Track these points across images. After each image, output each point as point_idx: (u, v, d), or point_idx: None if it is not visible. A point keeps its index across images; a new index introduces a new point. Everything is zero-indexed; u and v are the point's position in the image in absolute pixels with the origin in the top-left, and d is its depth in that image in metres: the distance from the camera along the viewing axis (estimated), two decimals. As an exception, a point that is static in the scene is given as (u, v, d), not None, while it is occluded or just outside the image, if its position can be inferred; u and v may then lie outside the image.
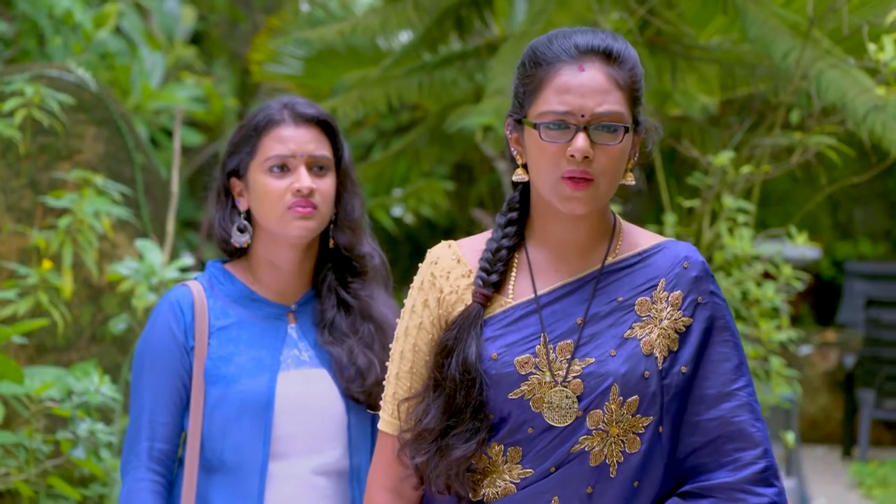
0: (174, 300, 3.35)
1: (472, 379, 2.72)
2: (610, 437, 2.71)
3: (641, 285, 2.79)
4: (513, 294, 2.79)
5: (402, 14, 7.54)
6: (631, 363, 2.72)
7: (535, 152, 2.74)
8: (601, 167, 2.71)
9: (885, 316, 11.26)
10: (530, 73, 2.77)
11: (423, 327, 2.83)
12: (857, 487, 10.26)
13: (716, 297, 2.82)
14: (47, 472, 4.80)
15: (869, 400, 11.00)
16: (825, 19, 6.06)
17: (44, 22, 7.92)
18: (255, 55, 9.75)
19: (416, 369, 2.82)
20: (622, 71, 2.75)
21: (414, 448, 2.77)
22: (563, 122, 2.71)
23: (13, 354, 5.35)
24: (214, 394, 3.30)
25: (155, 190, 5.94)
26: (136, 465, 3.30)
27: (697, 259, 2.83)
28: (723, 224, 6.06)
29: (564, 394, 2.71)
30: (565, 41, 2.75)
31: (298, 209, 3.32)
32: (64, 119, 5.59)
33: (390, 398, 2.84)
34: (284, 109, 3.38)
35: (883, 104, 5.58)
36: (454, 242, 2.87)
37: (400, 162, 8.78)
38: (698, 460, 2.76)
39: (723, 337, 2.80)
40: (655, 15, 6.48)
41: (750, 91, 6.94)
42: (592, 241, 2.81)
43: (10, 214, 5.57)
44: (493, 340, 2.76)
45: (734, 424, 2.75)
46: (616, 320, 2.76)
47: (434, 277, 2.83)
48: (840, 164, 7.01)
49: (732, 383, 2.77)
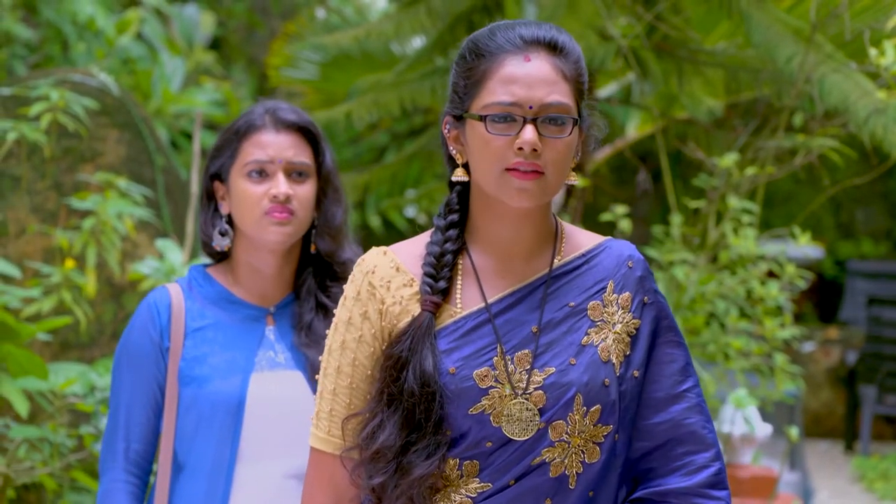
0: (152, 302, 3.31)
1: (431, 392, 2.51)
2: (571, 447, 2.55)
3: (590, 288, 2.62)
4: (461, 303, 2.59)
5: (415, 20, 7.54)
6: (591, 371, 2.56)
7: (480, 146, 2.55)
8: (549, 160, 2.53)
9: (886, 314, 11.24)
10: (472, 65, 2.57)
11: (363, 340, 2.60)
12: (858, 481, 10.24)
13: (658, 295, 2.68)
14: (71, 466, 4.81)
15: (870, 396, 10.98)
16: (827, 24, 6.05)
17: (68, 28, 7.94)
18: (273, 60, 9.76)
19: (356, 384, 2.60)
20: (568, 62, 2.57)
21: (370, 468, 2.55)
22: (509, 114, 2.52)
23: (38, 351, 5.36)
24: (187, 394, 3.26)
25: (175, 191, 5.95)
26: (111, 465, 3.27)
27: (639, 257, 2.68)
28: (728, 224, 6.06)
29: (525, 406, 2.53)
30: (509, 32, 2.57)
31: (275, 215, 3.27)
32: (87, 123, 5.60)
33: (326, 415, 2.62)
34: (266, 115, 3.32)
35: (884, 107, 5.57)
36: (389, 249, 2.65)
37: (413, 164, 8.78)
38: (649, 465, 2.62)
39: (668, 337, 2.65)
40: (662, 20, 6.48)
41: (754, 94, 6.93)
42: (537, 244, 2.63)
43: (35, 215, 5.58)
44: (447, 353, 2.55)
45: (685, 426, 2.61)
46: (571, 326, 2.59)
47: (373, 287, 2.60)
48: (842, 166, 6.99)
49: (680, 384, 2.63)
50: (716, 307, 6.03)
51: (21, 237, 5.57)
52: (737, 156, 6.09)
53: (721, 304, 6.02)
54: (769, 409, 6.47)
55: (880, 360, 11.12)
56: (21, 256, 5.51)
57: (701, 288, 6.01)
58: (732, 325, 6.02)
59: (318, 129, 3.38)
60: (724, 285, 6.02)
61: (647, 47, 6.42)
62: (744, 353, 6.10)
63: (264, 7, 12.06)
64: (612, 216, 6.21)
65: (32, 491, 4.90)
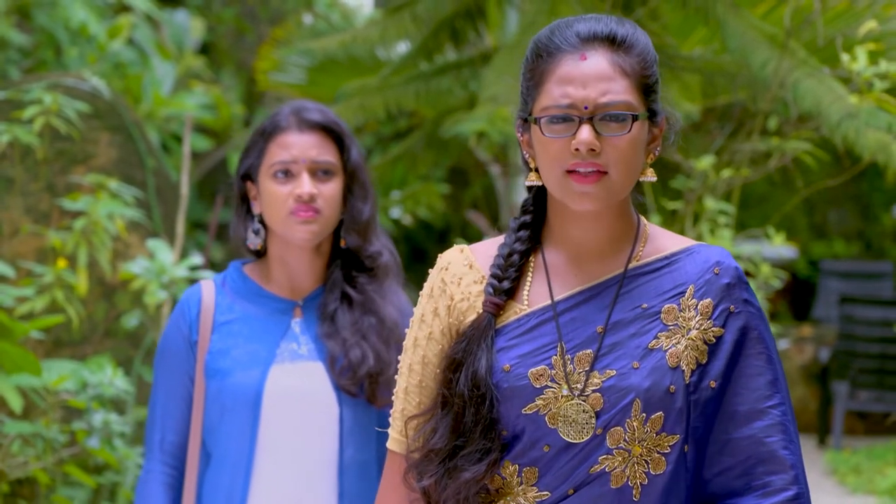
0: (184, 298, 3.33)
1: (481, 395, 2.39)
2: (632, 456, 2.37)
3: (668, 291, 2.44)
4: (528, 301, 2.46)
5: (400, 26, 7.54)
6: (655, 376, 2.38)
7: (540, 150, 2.42)
8: (611, 159, 2.37)
9: (857, 312, 11.26)
10: (532, 66, 2.45)
11: (432, 337, 2.50)
12: (831, 475, 10.26)
13: (750, 305, 2.46)
14: (63, 461, 4.80)
15: (843, 392, 11.00)
16: (801, 31, 6.06)
17: (60, 34, 7.92)
18: (261, 65, 9.75)
19: (426, 383, 2.50)
20: (629, 57, 2.42)
21: (420, 470, 2.44)
22: (566, 115, 2.38)
23: (31, 349, 5.35)
24: (212, 387, 3.25)
25: (166, 193, 5.94)
26: (149, 456, 3.29)
27: (730, 264, 2.47)
28: (704, 225, 6.06)
29: (581, 407, 2.37)
30: (567, 30, 2.44)
31: (300, 214, 3.26)
32: (80, 126, 5.59)
33: (399, 415, 2.52)
34: (291, 115, 3.31)
35: (856, 111, 5.58)
36: (467, 246, 2.54)
37: (398, 166, 8.78)
38: (726, 482, 2.42)
39: (757, 349, 2.44)
40: (641, 26, 6.48)
41: (730, 99, 6.94)
42: (614, 244, 2.47)
43: (28, 216, 5.57)
44: (505, 351, 2.42)
45: (766, 445, 2.41)
46: (640, 329, 2.41)
47: (445, 284, 2.50)
48: (815, 169, 7.01)
49: (766, 400, 2.42)
50: (693, 305, 6.02)
51: (14, 237, 5.56)
52: (713, 158, 6.10)
53: (698, 302, 6.02)
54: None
55: (852, 357, 11.15)
56: (14, 256, 5.50)
57: (678, 287, 6.00)
58: (709, 324, 6.02)
59: (344, 127, 3.36)
60: (701, 284, 6.02)
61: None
62: (720, 350, 6.09)
63: (253, 13, 12.04)
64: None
65: (26, 485, 4.89)
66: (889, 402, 11.02)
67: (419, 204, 10.82)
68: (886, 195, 13.41)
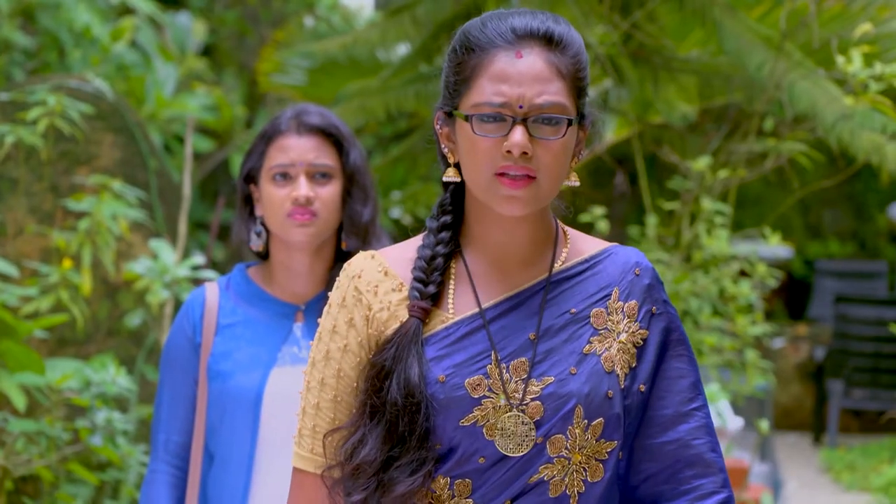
0: (189, 300, 3.32)
1: (416, 403, 2.24)
2: (572, 464, 2.27)
3: (594, 295, 2.34)
4: (453, 308, 2.32)
5: (400, 28, 7.54)
6: (593, 381, 2.28)
7: (468, 147, 2.28)
8: (542, 164, 2.25)
9: (852, 311, 11.27)
10: (462, 59, 2.30)
11: (348, 350, 2.32)
12: (826, 472, 10.26)
13: (668, 306, 2.39)
14: (67, 459, 4.79)
15: (837, 390, 11.00)
16: (797, 33, 6.06)
17: (64, 36, 7.92)
18: (262, 66, 9.74)
19: (342, 398, 2.33)
20: (565, 57, 2.28)
21: (350, 485, 2.27)
22: (498, 114, 2.25)
23: (35, 347, 5.35)
24: (214, 389, 3.25)
25: (168, 193, 5.93)
26: (154, 456, 3.29)
27: (648, 265, 2.39)
28: (701, 225, 6.07)
29: (520, 419, 2.25)
30: (501, 24, 2.28)
31: (297, 217, 3.26)
32: (83, 127, 5.58)
33: (309, 432, 2.34)
34: (291, 119, 3.31)
35: (851, 113, 5.58)
36: (377, 252, 2.38)
37: (398, 167, 8.77)
38: (654, 488, 2.33)
39: (678, 351, 2.36)
40: (638, 28, 6.48)
41: (726, 100, 6.94)
42: (535, 248, 2.35)
43: (32, 216, 5.57)
44: (437, 361, 2.27)
45: (693, 448, 2.32)
46: (572, 334, 2.31)
47: (359, 293, 2.33)
48: (810, 169, 7.01)
49: (690, 402, 2.34)
50: (689, 305, 6.03)
51: (19, 237, 5.55)
52: (710, 159, 6.10)
53: (694, 301, 6.03)
54: (741, 402, 6.48)
55: (847, 355, 11.15)
56: (19, 256, 5.49)
57: (675, 286, 6.01)
58: (705, 323, 6.03)
59: (344, 130, 3.34)
60: (698, 284, 6.03)
61: (624, 55, 6.42)
62: (716, 349, 6.11)
63: (255, 15, 12.03)
64: (590, 217, 6.21)
65: (30, 483, 4.88)
66: (883, 400, 11.02)
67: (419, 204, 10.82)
68: (881, 196, 13.41)
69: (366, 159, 3.39)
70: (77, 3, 7.88)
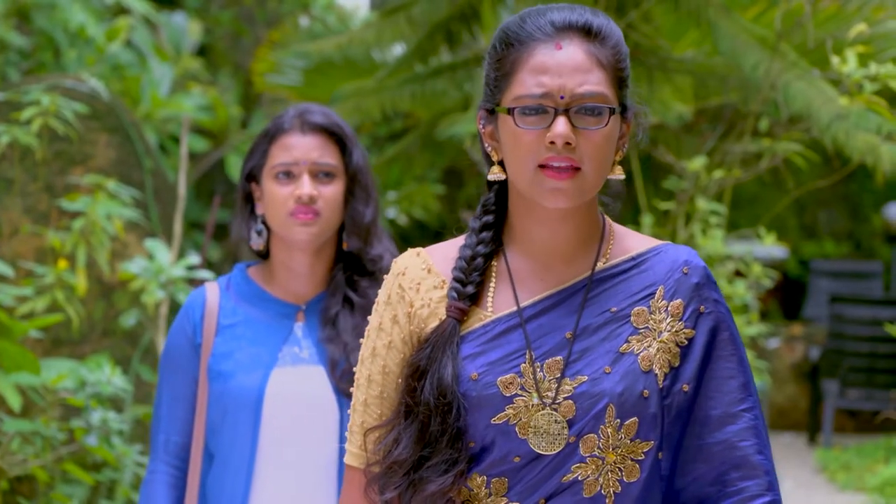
0: (189, 300, 3.31)
1: (447, 403, 2.25)
2: (606, 464, 2.25)
3: (637, 293, 2.31)
4: (492, 307, 2.32)
5: (395, 28, 7.54)
6: (628, 381, 2.26)
7: (511, 142, 2.27)
8: (585, 154, 2.24)
9: (847, 311, 11.27)
10: (502, 55, 2.30)
11: (393, 346, 2.34)
12: (821, 472, 10.27)
13: (720, 305, 2.34)
14: (62, 458, 4.79)
15: (833, 390, 11.01)
16: (792, 33, 6.06)
17: (59, 36, 7.91)
18: (258, 66, 9.74)
19: (387, 394, 2.34)
20: (604, 48, 2.28)
21: (383, 483, 2.30)
22: (540, 105, 2.24)
23: (30, 348, 5.34)
24: (215, 389, 3.24)
25: (163, 193, 5.93)
26: (153, 457, 3.28)
27: (698, 264, 2.35)
28: (696, 225, 6.07)
29: (553, 418, 2.24)
30: (539, 18, 2.28)
31: (299, 216, 3.24)
32: (78, 127, 5.58)
33: (357, 428, 2.37)
34: (295, 118, 3.30)
35: (845, 113, 5.58)
36: (423, 250, 2.39)
37: (393, 167, 8.77)
38: (700, 489, 2.30)
39: (728, 350, 2.32)
40: (634, 29, 6.48)
41: (722, 100, 6.95)
42: (580, 246, 2.33)
43: (27, 216, 5.56)
44: (471, 359, 2.28)
45: (739, 449, 2.28)
46: (610, 333, 2.28)
47: (403, 290, 2.35)
48: (805, 169, 7.01)
49: (739, 403, 2.30)
50: (685, 305, 6.03)
51: (14, 237, 5.55)
52: (705, 159, 6.10)
53: (690, 302, 6.02)
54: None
55: (842, 355, 11.15)
56: (14, 256, 5.49)
57: (670, 286, 6.00)
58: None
59: (347, 130, 3.34)
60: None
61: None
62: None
63: (250, 15, 12.03)
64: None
65: (25, 482, 4.88)
66: (878, 400, 11.03)
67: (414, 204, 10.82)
68: (876, 196, 13.42)
69: (368, 159, 3.38)
70: (72, 3, 7.88)
